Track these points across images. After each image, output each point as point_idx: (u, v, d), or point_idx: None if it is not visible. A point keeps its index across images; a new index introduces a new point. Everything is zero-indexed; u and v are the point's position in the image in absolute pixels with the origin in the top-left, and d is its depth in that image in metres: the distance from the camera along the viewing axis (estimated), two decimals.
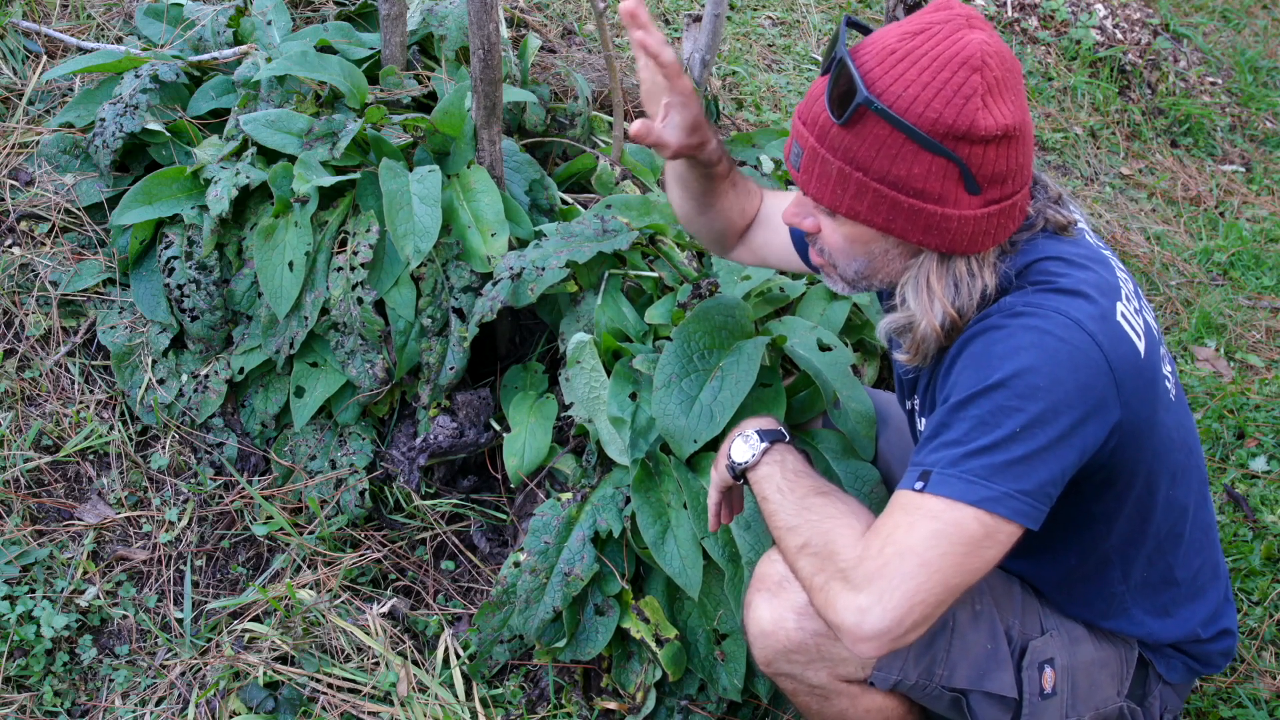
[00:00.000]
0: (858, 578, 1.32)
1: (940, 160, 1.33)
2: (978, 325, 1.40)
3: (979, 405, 1.33)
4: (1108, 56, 4.68)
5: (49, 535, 2.22)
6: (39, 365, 2.43)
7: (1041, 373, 1.31)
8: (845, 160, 1.36)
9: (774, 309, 2.25)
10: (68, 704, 2.02)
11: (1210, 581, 1.67)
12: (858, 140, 1.35)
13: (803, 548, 1.44)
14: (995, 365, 1.33)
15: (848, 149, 1.36)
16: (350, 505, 2.35)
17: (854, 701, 1.61)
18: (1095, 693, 1.63)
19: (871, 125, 1.33)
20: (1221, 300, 3.54)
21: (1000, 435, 1.31)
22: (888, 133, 1.33)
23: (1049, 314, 1.35)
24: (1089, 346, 1.34)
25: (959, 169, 1.33)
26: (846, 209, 1.39)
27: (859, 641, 1.31)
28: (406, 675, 2.02)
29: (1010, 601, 1.63)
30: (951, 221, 1.37)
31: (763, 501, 1.55)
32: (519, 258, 2.22)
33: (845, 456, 2.00)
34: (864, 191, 1.37)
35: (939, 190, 1.35)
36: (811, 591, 1.41)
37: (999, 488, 1.30)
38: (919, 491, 1.33)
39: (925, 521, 1.31)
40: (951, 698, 1.58)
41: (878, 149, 1.34)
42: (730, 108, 3.69)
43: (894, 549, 1.31)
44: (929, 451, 1.36)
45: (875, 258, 1.45)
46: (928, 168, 1.33)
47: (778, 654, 1.57)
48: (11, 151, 2.68)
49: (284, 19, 2.87)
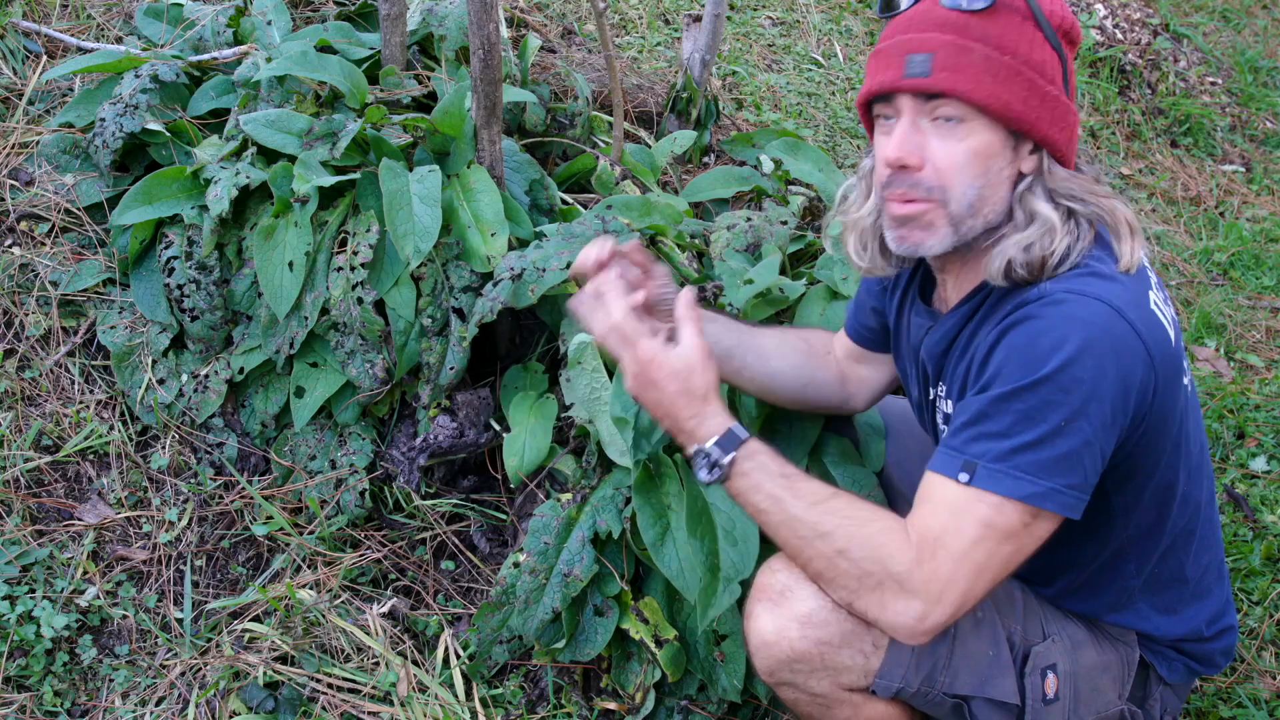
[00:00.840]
0: (914, 584, 1.37)
1: (1054, 55, 1.41)
2: (1018, 312, 1.41)
3: (1024, 399, 1.34)
4: (1108, 56, 4.68)
5: (49, 535, 2.22)
6: (39, 365, 2.43)
7: (1085, 364, 1.33)
8: (992, 45, 1.39)
9: (774, 310, 2.25)
10: (68, 704, 2.02)
11: (1216, 581, 1.68)
12: (997, 26, 1.39)
13: (841, 553, 1.42)
14: (1043, 358, 1.34)
15: (990, 34, 1.39)
16: (350, 505, 2.35)
17: (856, 710, 1.60)
18: (1097, 697, 1.63)
19: (1006, 14, 1.39)
20: (1221, 300, 3.55)
21: (1046, 430, 1.33)
22: (1020, 20, 1.39)
23: (1089, 301, 1.36)
24: (1129, 334, 1.36)
25: (1063, 68, 1.42)
26: (990, 95, 1.38)
27: (916, 636, 1.40)
28: (406, 675, 2.02)
29: (1012, 607, 1.63)
30: (1072, 116, 1.44)
31: (758, 512, 1.48)
32: (520, 258, 2.22)
33: (844, 461, 2.00)
34: (1012, 76, 1.39)
35: (1060, 83, 1.42)
36: (856, 594, 1.42)
37: (1046, 483, 1.34)
38: (965, 485, 1.36)
39: (974, 526, 1.35)
40: (954, 704, 1.57)
41: (1017, 34, 1.39)
42: (730, 108, 3.69)
43: (946, 553, 1.36)
44: (969, 440, 1.37)
45: (990, 176, 1.43)
46: (1049, 58, 1.41)
47: (780, 664, 1.56)
48: (11, 151, 2.68)
49: (284, 19, 2.87)
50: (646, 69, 3.64)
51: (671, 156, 2.92)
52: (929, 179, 1.42)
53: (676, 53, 3.87)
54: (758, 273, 2.17)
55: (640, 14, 4.15)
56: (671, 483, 1.96)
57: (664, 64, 3.78)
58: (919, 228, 1.46)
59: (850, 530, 1.42)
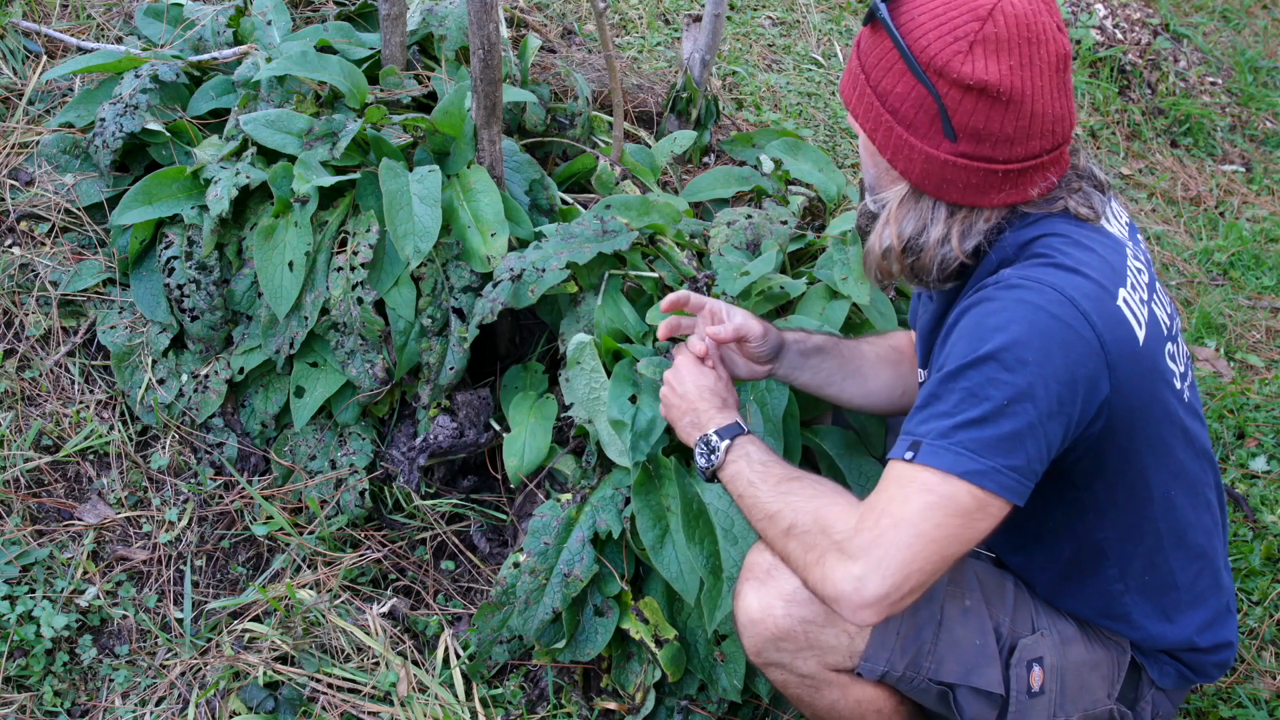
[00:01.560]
0: (854, 548, 1.35)
1: (921, 89, 1.39)
2: (975, 295, 1.42)
3: (968, 377, 1.35)
4: (1108, 56, 4.68)
5: (49, 535, 2.22)
6: (39, 365, 2.43)
7: (1032, 346, 1.33)
8: (860, 62, 1.46)
9: (775, 306, 2.25)
10: (68, 704, 2.02)
11: (1211, 590, 1.66)
12: (871, 47, 1.44)
13: (789, 530, 1.45)
14: (986, 337, 1.35)
15: (865, 52, 1.46)
16: (350, 505, 2.35)
17: (844, 692, 1.61)
18: (1084, 694, 1.63)
19: (882, 36, 1.42)
20: (1221, 300, 3.54)
21: (989, 408, 1.33)
22: (889, 46, 1.41)
23: (1043, 288, 1.36)
24: (1080, 323, 1.35)
25: (937, 105, 1.39)
26: (852, 107, 1.48)
27: (858, 609, 1.34)
28: (406, 675, 2.02)
29: (1002, 599, 1.63)
30: (917, 154, 1.43)
31: (739, 499, 1.57)
32: (519, 259, 2.22)
33: (850, 452, 2.01)
34: (863, 95, 1.46)
35: (914, 118, 1.41)
36: (805, 569, 1.43)
37: (987, 462, 1.32)
38: (909, 462, 1.36)
39: (919, 494, 1.33)
40: (939, 691, 1.58)
41: (880, 59, 1.43)
42: (730, 108, 3.69)
43: (889, 520, 1.34)
44: (919, 421, 1.38)
45: (880, 171, 1.51)
46: (909, 91, 1.40)
47: (766, 642, 1.58)
48: (11, 151, 2.68)
49: (284, 19, 2.86)
50: (646, 69, 3.64)
51: (671, 156, 2.91)
52: None
53: (676, 53, 3.86)
54: (755, 265, 2.17)
55: (640, 14, 4.15)
56: (670, 484, 1.96)
57: (664, 64, 3.78)
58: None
59: (798, 505, 1.46)
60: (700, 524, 1.91)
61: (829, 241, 2.32)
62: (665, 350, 2.14)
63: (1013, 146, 1.39)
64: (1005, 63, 1.35)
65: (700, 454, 1.62)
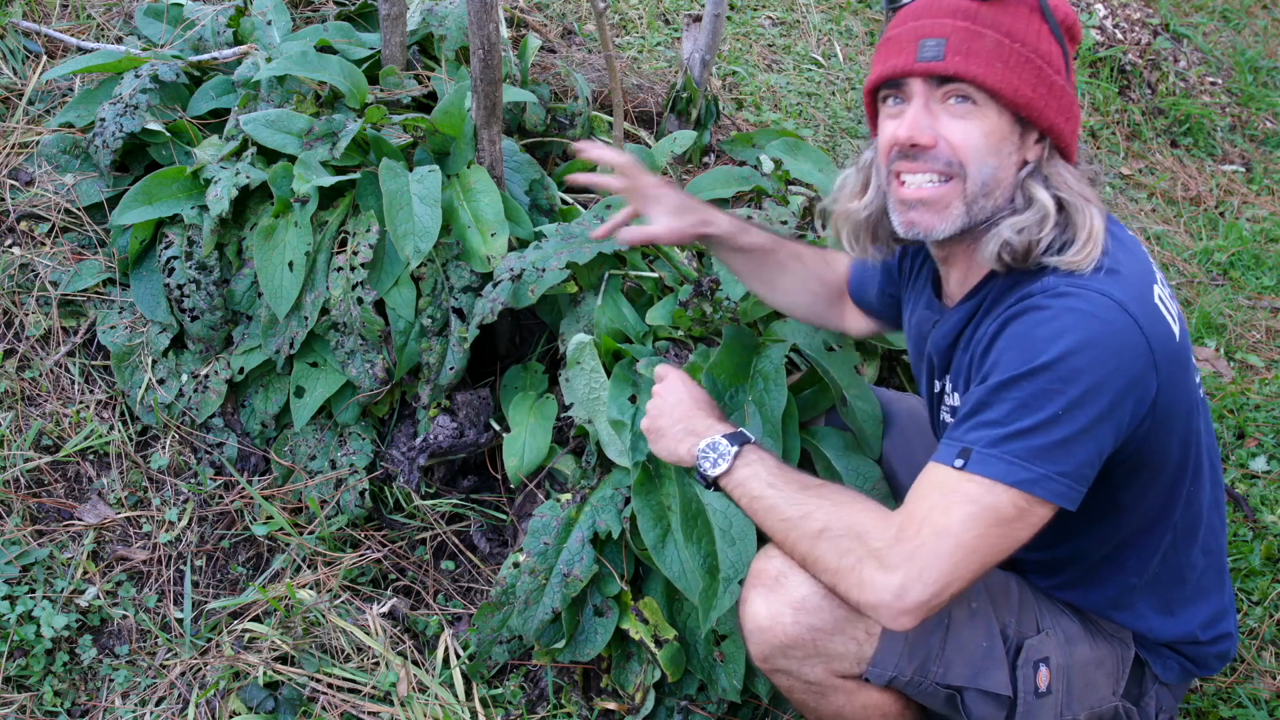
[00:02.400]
0: (893, 557, 1.36)
1: (1058, 49, 1.43)
2: (1020, 304, 1.42)
3: (1021, 388, 1.35)
4: (1108, 56, 4.68)
5: (49, 535, 2.22)
6: (39, 365, 2.43)
7: (1085, 355, 1.33)
8: (1002, 33, 1.42)
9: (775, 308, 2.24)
10: (68, 704, 2.02)
11: (1215, 585, 1.67)
12: (1006, 15, 1.42)
13: (822, 532, 1.44)
14: (1040, 348, 1.35)
15: (1000, 22, 1.42)
16: (350, 505, 2.35)
17: (850, 698, 1.61)
18: (1090, 692, 1.63)
19: (1015, 4, 1.42)
20: (1221, 300, 3.54)
21: (1042, 418, 1.33)
22: (1029, 11, 1.42)
23: (1091, 295, 1.37)
24: (1130, 328, 1.36)
25: (1065, 61, 1.43)
26: (1001, 80, 1.40)
27: (898, 615, 1.36)
28: (406, 675, 2.02)
29: (1007, 599, 1.63)
30: (1075, 108, 1.47)
31: (753, 500, 1.54)
32: (519, 259, 2.22)
33: (848, 453, 2.01)
34: (1021, 63, 1.41)
35: (1065, 74, 1.44)
36: (838, 574, 1.42)
37: (1039, 469, 1.33)
38: (958, 470, 1.36)
39: (962, 504, 1.34)
40: (946, 695, 1.58)
41: (1025, 24, 1.42)
42: (730, 108, 3.69)
43: (930, 530, 1.35)
44: (968, 429, 1.38)
45: (1003, 158, 1.45)
46: (1054, 50, 1.43)
47: (774, 649, 1.58)
48: (11, 151, 2.68)
49: (284, 19, 2.86)
50: (646, 69, 3.64)
51: (671, 156, 2.91)
52: (946, 154, 1.44)
53: (676, 53, 3.86)
54: None
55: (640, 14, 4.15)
56: (670, 484, 1.96)
57: (664, 64, 3.78)
58: (931, 211, 1.47)
59: (830, 510, 1.45)
60: (698, 524, 1.91)
61: (829, 241, 2.32)
62: (665, 350, 2.14)
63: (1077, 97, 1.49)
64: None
65: (704, 459, 1.60)
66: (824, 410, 2.08)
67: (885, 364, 2.40)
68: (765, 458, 1.58)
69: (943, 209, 1.46)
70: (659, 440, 1.70)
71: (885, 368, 2.40)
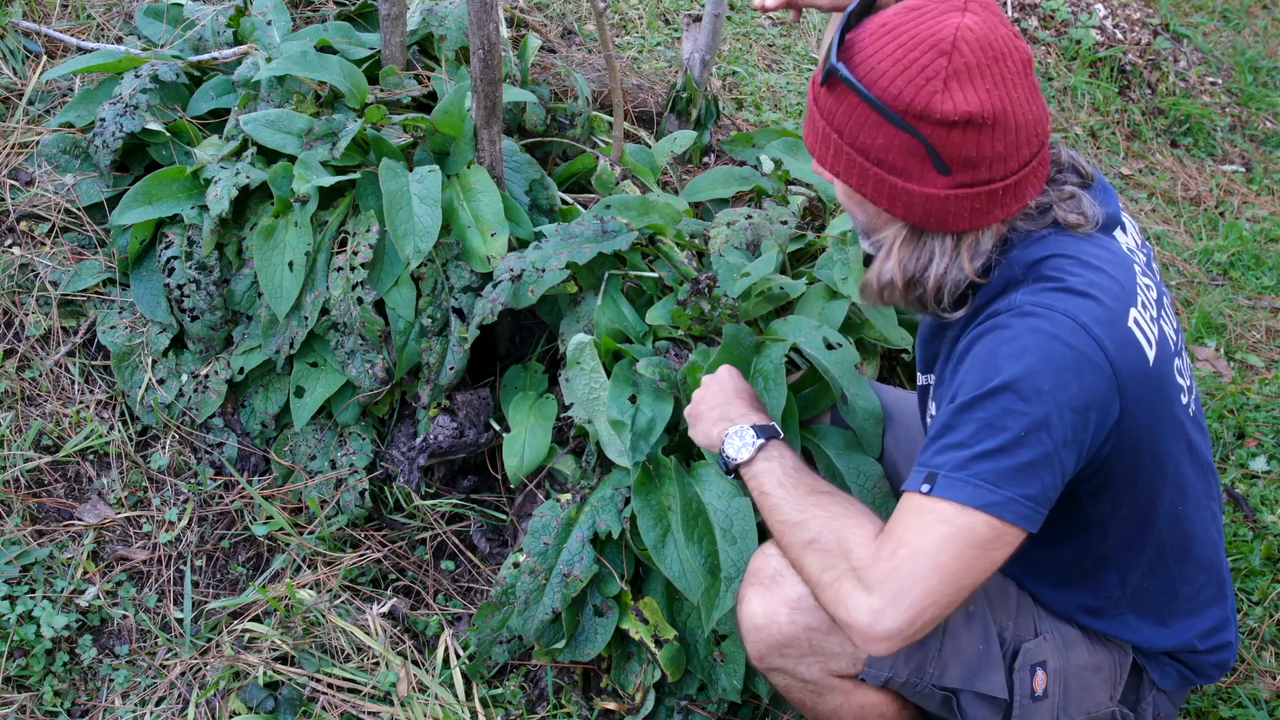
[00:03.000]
0: (871, 578, 1.35)
1: (904, 135, 1.36)
2: (986, 323, 1.41)
3: (984, 408, 1.34)
4: (1108, 56, 4.68)
5: (49, 535, 2.22)
6: (39, 365, 2.43)
7: (1046, 376, 1.33)
8: (827, 121, 1.43)
9: (774, 307, 2.25)
10: (68, 704, 2.02)
11: (1214, 600, 1.66)
12: (836, 105, 1.41)
13: (811, 543, 1.45)
14: (1001, 367, 1.35)
15: (829, 111, 1.42)
16: (350, 505, 2.35)
17: (847, 697, 1.61)
18: (1087, 697, 1.63)
19: (845, 92, 1.39)
20: (1221, 300, 3.54)
21: (1005, 439, 1.32)
22: (858, 102, 1.38)
23: (1056, 316, 1.36)
24: (1093, 350, 1.35)
25: (924, 147, 1.36)
26: (830, 166, 1.45)
27: (872, 641, 1.35)
28: (406, 675, 2.02)
29: (1005, 603, 1.63)
30: (915, 197, 1.40)
31: (762, 495, 1.56)
32: (519, 259, 2.22)
33: (848, 451, 2.01)
34: (839, 153, 1.43)
35: (903, 164, 1.39)
36: (820, 587, 1.42)
37: (1004, 493, 1.32)
38: (925, 495, 1.35)
39: (937, 526, 1.33)
40: (942, 696, 1.58)
41: (849, 115, 1.40)
42: (730, 108, 3.69)
43: (906, 551, 1.33)
44: (935, 452, 1.38)
45: (870, 216, 1.49)
46: (891, 140, 1.38)
47: (770, 648, 1.58)
48: (11, 151, 2.68)
49: (284, 19, 2.86)
50: (646, 69, 3.64)
51: (671, 156, 2.91)
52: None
53: (676, 53, 3.86)
54: (755, 266, 2.17)
55: (640, 14, 4.15)
56: (670, 484, 1.96)
57: (664, 64, 3.78)
58: None
59: (824, 521, 1.46)
60: (699, 524, 1.91)
61: (829, 241, 2.32)
62: (665, 350, 2.14)
63: (1006, 163, 1.38)
64: (981, 89, 1.34)
65: (729, 444, 1.63)
66: (825, 409, 2.08)
67: (885, 363, 2.40)
68: (786, 455, 1.59)
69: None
70: (697, 424, 1.75)
71: (885, 366, 2.40)
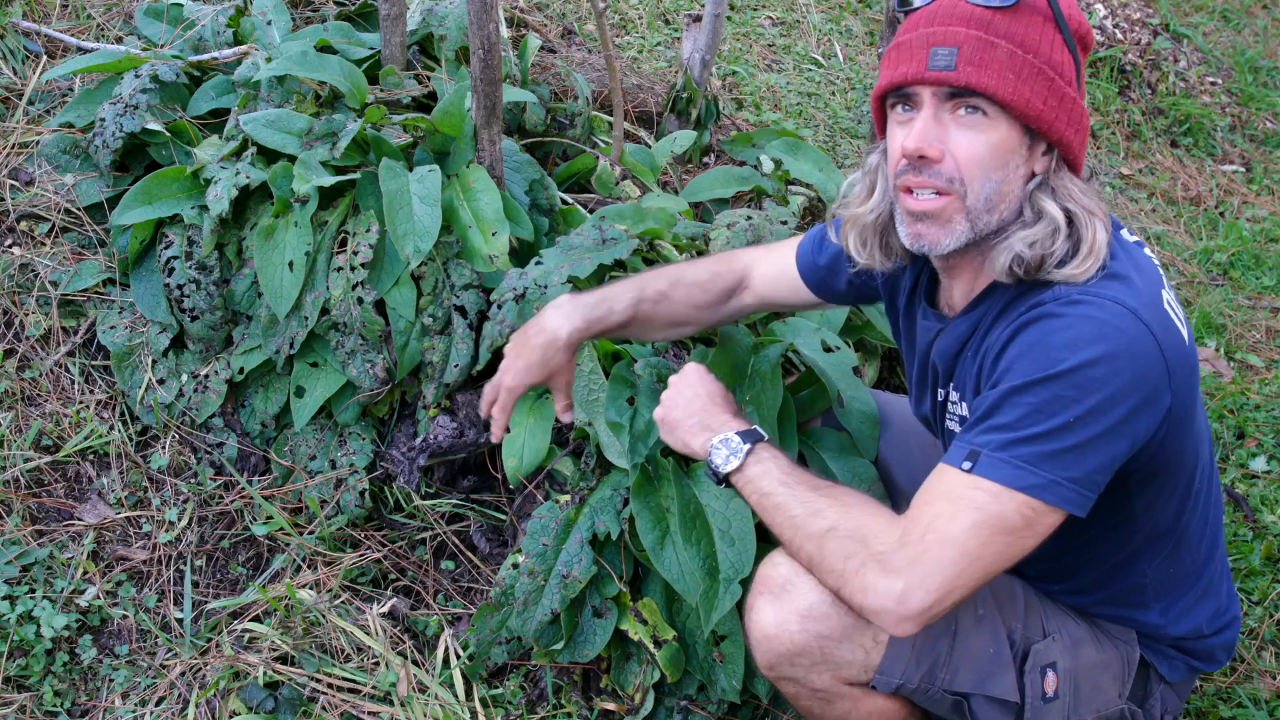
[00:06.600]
0: (897, 563, 1.34)
1: (1071, 58, 1.41)
2: (1033, 311, 1.40)
3: (1035, 394, 1.34)
4: (1108, 56, 4.68)
5: (49, 535, 2.22)
6: (39, 365, 2.43)
7: (1101, 364, 1.32)
8: (1015, 43, 1.39)
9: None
10: (68, 704, 2.02)
11: (1221, 576, 1.69)
12: (1020, 25, 1.39)
13: (829, 531, 1.43)
14: (1055, 356, 1.34)
15: (1013, 32, 1.39)
16: (350, 505, 2.35)
17: (856, 704, 1.60)
18: (1097, 695, 1.63)
19: (1029, 13, 1.40)
20: (1221, 300, 3.54)
21: (1054, 424, 1.32)
22: (1043, 20, 1.39)
23: (1105, 302, 1.36)
24: (1145, 336, 1.35)
25: (1076, 72, 1.41)
26: (1014, 93, 1.38)
27: (899, 621, 1.34)
28: (406, 675, 2.02)
29: (1013, 604, 1.63)
30: (1085, 119, 1.44)
31: (763, 497, 1.53)
32: (521, 278, 2.22)
33: (843, 454, 2.01)
34: (1034, 74, 1.39)
35: (1076, 85, 1.42)
36: (842, 576, 1.41)
37: (1047, 475, 1.32)
38: (966, 472, 1.35)
39: (968, 511, 1.33)
40: (953, 701, 1.58)
41: (1039, 34, 1.39)
42: (730, 108, 3.69)
43: (935, 536, 1.33)
44: (978, 433, 1.37)
45: (1008, 171, 1.43)
46: (1067, 60, 1.41)
47: (781, 658, 1.57)
48: (11, 151, 2.68)
49: (284, 19, 2.87)
50: (646, 69, 3.64)
51: (671, 156, 2.92)
52: (949, 170, 1.42)
53: (676, 53, 3.87)
54: None
55: (640, 14, 4.15)
56: (669, 485, 1.96)
57: (664, 64, 3.78)
58: (936, 224, 1.45)
59: (839, 510, 1.44)
60: (698, 525, 1.91)
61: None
62: (663, 351, 2.14)
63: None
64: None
65: (716, 454, 1.59)
66: (821, 411, 2.08)
67: (885, 365, 2.41)
68: (778, 456, 1.57)
69: (945, 223, 1.44)
70: (672, 431, 1.70)
71: (885, 369, 2.40)
